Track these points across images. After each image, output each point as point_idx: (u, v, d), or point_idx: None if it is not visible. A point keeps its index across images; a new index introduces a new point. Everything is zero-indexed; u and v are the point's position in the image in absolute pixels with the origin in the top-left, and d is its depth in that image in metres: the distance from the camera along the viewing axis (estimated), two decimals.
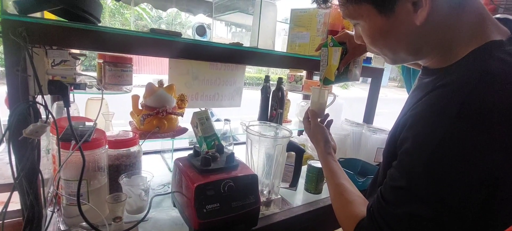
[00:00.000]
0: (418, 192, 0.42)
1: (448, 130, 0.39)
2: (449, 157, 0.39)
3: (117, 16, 11.47)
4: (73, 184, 0.73)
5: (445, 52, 0.49)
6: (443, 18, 0.46)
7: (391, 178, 0.46)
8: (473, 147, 0.38)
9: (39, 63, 0.63)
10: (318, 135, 0.81)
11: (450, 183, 0.39)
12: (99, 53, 1.01)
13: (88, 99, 1.04)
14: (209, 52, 0.81)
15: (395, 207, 0.44)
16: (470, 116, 0.38)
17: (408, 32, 0.48)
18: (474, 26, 0.46)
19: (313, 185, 1.09)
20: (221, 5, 1.16)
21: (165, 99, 1.03)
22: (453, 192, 0.39)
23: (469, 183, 0.38)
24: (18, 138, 0.61)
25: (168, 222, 0.83)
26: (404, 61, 0.57)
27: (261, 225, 0.86)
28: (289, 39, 1.24)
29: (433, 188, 0.40)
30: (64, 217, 0.77)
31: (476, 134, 0.37)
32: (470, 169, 0.38)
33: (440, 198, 0.40)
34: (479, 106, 0.38)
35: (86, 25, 0.66)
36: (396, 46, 0.52)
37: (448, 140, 0.39)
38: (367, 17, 0.51)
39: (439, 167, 0.40)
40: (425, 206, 0.41)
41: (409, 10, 0.46)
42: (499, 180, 0.37)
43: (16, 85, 0.61)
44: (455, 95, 0.40)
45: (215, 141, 1.06)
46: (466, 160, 0.38)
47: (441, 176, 0.40)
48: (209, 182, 0.73)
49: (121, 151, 0.87)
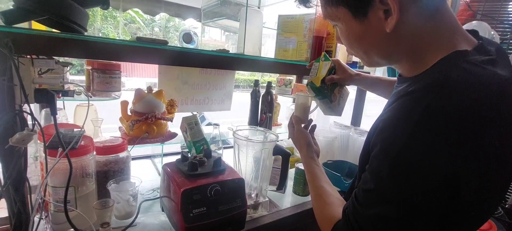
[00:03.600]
0: (385, 194, 0.44)
1: (410, 134, 0.41)
2: (411, 160, 0.41)
3: (109, 19, 11.40)
4: (61, 190, 0.73)
5: (416, 60, 0.51)
6: (413, 28, 0.48)
7: (363, 181, 0.48)
8: (434, 148, 0.39)
9: (25, 72, 0.64)
10: (301, 139, 0.83)
11: (413, 184, 0.41)
12: (88, 60, 1.02)
13: (77, 106, 1.05)
14: (196, 59, 0.82)
15: (365, 209, 0.46)
16: (431, 120, 0.40)
17: (379, 38, 0.51)
18: (443, 37, 0.48)
19: (300, 187, 1.11)
20: (210, 12, 1.18)
21: (154, 105, 1.04)
22: (416, 193, 0.41)
23: (432, 183, 0.40)
24: (5, 146, 0.62)
25: (157, 227, 0.84)
26: (379, 64, 0.59)
27: (248, 227, 0.87)
28: (276, 45, 1.26)
29: (398, 190, 0.42)
30: (52, 224, 0.78)
31: (436, 136, 0.39)
32: (431, 169, 0.40)
33: (405, 199, 0.42)
34: (440, 112, 0.40)
35: (72, 35, 0.68)
36: (369, 50, 0.55)
37: (410, 143, 0.41)
38: (344, 20, 0.54)
39: (403, 169, 0.42)
40: (391, 207, 0.43)
41: (381, 17, 0.48)
42: (461, 179, 0.39)
43: (2, 94, 0.62)
44: (418, 101, 0.42)
45: (204, 145, 1.07)
46: (427, 161, 0.40)
47: (405, 177, 0.42)
48: (196, 187, 0.75)
49: (109, 157, 0.88)
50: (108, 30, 11.19)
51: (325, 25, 1.15)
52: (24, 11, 0.66)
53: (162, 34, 13.24)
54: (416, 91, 0.44)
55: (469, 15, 1.20)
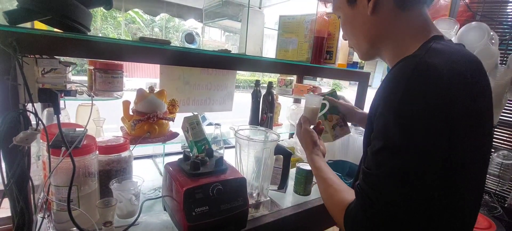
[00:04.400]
0: (394, 145, 0.47)
1: (406, 86, 0.47)
2: (412, 107, 0.46)
3: (110, 20, 11.41)
4: (64, 189, 0.74)
5: (398, 46, 0.59)
6: (389, 14, 0.58)
7: (371, 148, 0.52)
8: (428, 94, 0.45)
9: (29, 72, 0.65)
10: (308, 138, 0.85)
11: (418, 128, 0.46)
12: (90, 60, 1.02)
13: (79, 106, 1.06)
14: (198, 59, 0.83)
15: (379, 169, 0.49)
16: (422, 72, 0.47)
17: (365, 21, 0.62)
18: (419, 31, 0.57)
19: (301, 187, 1.11)
20: (211, 12, 1.18)
21: (155, 105, 1.05)
22: (422, 136, 0.45)
23: (432, 125, 0.45)
24: (8, 145, 0.63)
25: (159, 226, 0.85)
26: (369, 53, 0.67)
27: (250, 227, 0.88)
28: (278, 45, 1.27)
29: (406, 136, 0.46)
30: (54, 223, 0.78)
31: (429, 84, 0.46)
32: (429, 112, 0.45)
33: (414, 145, 0.46)
34: (428, 65, 0.47)
35: (76, 35, 0.68)
36: (358, 34, 0.65)
37: (408, 93, 0.47)
38: (342, 8, 0.66)
39: (407, 116, 0.46)
40: (403, 157, 0.46)
41: (365, 3, 0.60)
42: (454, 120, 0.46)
43: (6, 93, 0.63)
44: (408, 63, 0.50)
45: (205, 145, 1.08)
46: (425, 106, 0.45)
47: (409, 123, 0.46)
48: (198, 186, 0.75)
49: (111, 156, 0.88)
50: (108, 30, 11.20)
51: (326, 25, 1.16)
52: (28, 11, 0.67)
53: (162, 35, 13.25)
54: (405, 59, 0.52)
55: (468, 15, 1.21)
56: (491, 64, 1.01)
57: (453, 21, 1.12)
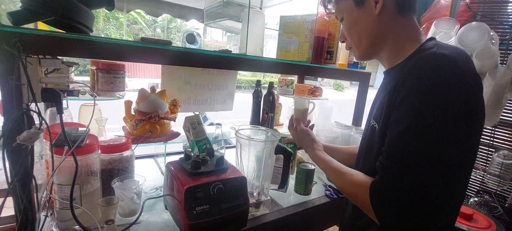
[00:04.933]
0: (420, 124, 0.52)
1: (430, 75, 0.53)
2: (436, 93, 0.51)
3: (112, 20, 11.46)
4: (66, 188, 0.75)
5: (397, 49, 0.66)
6: (391, 16, 0.66)
7: (395, 125, 0.56)
8: (451, 84, 0.51)
9: (33, 72, 0.66)
10: (306, 137, 0.90)
11: (442, 111, 0.50)
12: (92, 60, 1.03)
13: (82, 105, 1.06)
14: (199, 59, 0.84)
15: (405, 148, 0.53)
16: (441, 63, 0.53)
17: (370, 20, 0.68)
18: (412, 34, 0.66)
19: (302, 186, 1.12)
20: (212, 13, 1.19)
21: (157, 105, 1.06)
22: (446, 119, 0.50)
23: (454, 112, 0.50)
24: (12, 144, 0.64)
25: (160, 225, 0.86)
26: (368, 53, 0.72)
27: (250, 225, 0.88)
28: (278, 45, 1.27)
29: (432, 116, 0.51)
30: (57, 221, 0.79)
31: (449, 75, 0.51)
32: (453, 102, 0.50)
33: (439, 125, 0.50)
34: (444, 57, 0.54)
35: (78, 35, 0.69)
36: (362, 33, 0.70)
37: (432, 82, 0.52)
38: (347, 10, 0.71)
39: (432, 100, 0.51)
40: (428, 136, 0.51)
41: (372, 5, 0.66)
42: (472, 106, 0.52)
43: (10, 93, 0.64)
44: (425, 55, 0.57)
45: (206, 145, 1.09)
46: (448, 98, 0.50)
47: (435, 105, 0.51)
48: (199, 185, 0.76)
49: (113, 155, 0.89)
50: (110, 30, 11.24)
51: (326, 26, 1.16)
52: (31, 12, 0.68)
53: (164, 35, 13.29)
54: (417, 54, 0.60)
55: (469, 15, 1.21)
56: (491, 64, 1.01)
57: (454, 21, 1.12)
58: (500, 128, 1.37)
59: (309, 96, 1.54)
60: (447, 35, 1.10)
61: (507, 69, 1.01)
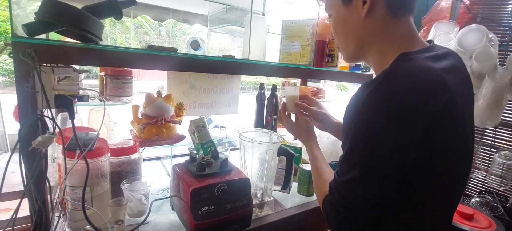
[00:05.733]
0: (350, 160, 0.55)
1: (358, 114, 0.53)
2: (362, 134, 0.53)
3: (118, 24, 11.60)
4: (78, 190, 0.78)
5: (381, 58, 0.62)
6: (380, 19, 0.61)
7: (341, 156, 0.60)
8: (375, 124, 0.51)
9: (46, 80, 0.69)
10: (307, 127, 0.92)
11: (370, 150, 0.52)
12: (101, 66, 1.07)
13: (91, 110, 1.10)
14: (203, 65, 0.86)
15: (341, 177, 0.58)
16: (370, 103, 0.51)
17: (357, 22, 0.63)
18: (403, 40, 0.60)
19: (305, 187, 1.14)
20: (216, 18, 1.22)
21: (163, 109, 1.09)
22: (372, 157, 0.52)
23: (383, 149, 0.50)
24: (28, 149, 0.67)
25: (167, 225, 0.89)
26: (354, 55, 0.70)
27: (254, 226, 0.91)
28: (281, 49, 1.30)
29: (358, 156, 0.53)
30: (69, 222, 0.82)
31: (375, 115, 0.50)
32: (381, 139, 0.50)
33: (365, 163, 0.53)
34: (376, 97, 0.51)
35: (89, 44, 0.73)
36: (348, 34, 0.67)
37: (359, 120, 0.53)
38: (335, 7, 0.68)
39: (358, 141, 0.53)
40: (355, 170, 0.53)
41: (359, 5, 0.62)
42: (407, 148, 0.50)
43: (25, 100, 0.67)
44: (364, 90, 0.54)
45: (211, 147, 1.12)
46: (376, 133, 0.51)
47: (363, 145, 0.53)
48: (204, 186, 0.79)
49: (122, 158, 0.93)
50: (116, 35, 11.39)
51: (327, 30, 1.19)
52: (44, 23, 0.71)
53: (169, 38, 13.41)
54: (366, 83, 0.56)
55: (469, 17, 1.22)
56: (490, 65, 1.02)
57: (453, 24, 1.13)
58: (500, 128, 1.37)
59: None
60: (446, 38, 1.12)
61: (506, 71, 1.02)
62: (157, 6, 1.45)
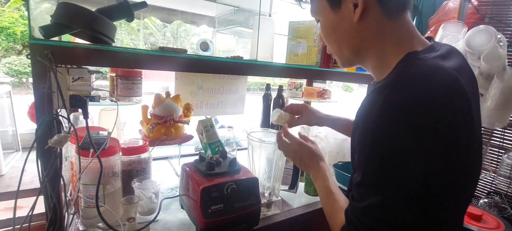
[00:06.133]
0: (370, 183, 0.48)
1: (374, 127, 0.46)
2: (382, 151, 0.46)
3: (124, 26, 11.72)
4: (91, 188, 0.80)
5: (381, 61, 0.57)
6: (376, 22, 0.55)
7: (354, 178, 0.53)
8: (395, 136, 0.44)
9: (62, 80, 0.72)
10: (311, 149, 0.78)
11: (390, 170, 0.45)
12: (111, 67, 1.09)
13: (102, 110, 1.13)
14: (212, 66, 0.88)
15: (359, 202, 0.50)
16: (387, 112, 0.45)
17: (349, 28, 0.58)
18: (403, 40, 0.55)
19: (312, 187, 1.15)
20: (224, 20, 1.24)
21: (172, 109, 1.11)
22: (395, 177, 0.45)
23: (404, 167, 0.44)
24: (44, 147, 0.69)
25: (177, 223, 0.90)
26: (350, 61, 0.64)
27: (262, 224, 0.92)
28: (287, 50, 1.31)
29: (379, 178, 0.47)
30: (82, 219, 0.84)
31: (394, 126, 0.44)
32: (401, 156, 0.44)
33: (386, 185, 0.46)
34: (393, 104, 0.45)
35: (103, 46, 0.75)
36: (341, 42, 0.61)
37: (376, 136, 0.46)
38: (323, 12, 0.62)
39: (378, 159, 0.46)
40: (378, 195, 0.47)
41: (350, 9, 0.56)
42: (428, 161, 0.44)
43: (42, 100, 0.70)
44: (377, 97, 0.48)
45: (219, 147, 1.13)
46: (395, 149, 0.45)
47: (383, 166, 0.46)
48: (214, 185, 0.80)
49: (132, 157, 0.95)
50: (122, 35, 11.50)
51: None
52: (60, 25, 0.73)
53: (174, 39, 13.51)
54: (375, 90, 0.50)
55: (477, 18, 1.22)
56: (499, 66, 1.02)
57: (461, 24, 1.13)
58: (509, 130, 1.36)
59: (318, 99, 1.57)
60: (454, 38, 1.12)
61: None
62: (166, 8, 1.48)
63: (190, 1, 1.42)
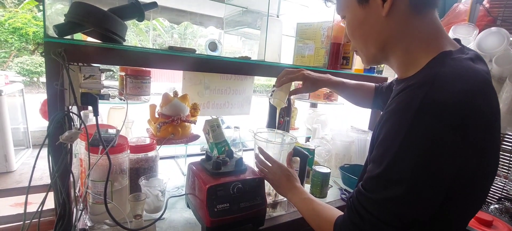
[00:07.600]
0: (392, 176, 0.48)
1: (411, 123, 0.46)
2: (414, 146, 0.45)
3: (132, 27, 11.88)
4: (99, 184, 0.81)
5: (408, 59, 0.57)
6: (404, 20, 0.55)
7: (369, 170, 0.52)
8: (432, 133, 0.44)
9: (74, 78, 0.73)
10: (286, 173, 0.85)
11: (419, 166, 0.45)
12: (121, 66, 1.11)
13: (110, 108, 1.14)
14: (221, 66, 0.89)
15: (373, 194, 0.50)
16: (427, 109, 0.45)
17: (377, 23, 0.58)
18: (431, 38, 0.55)
19: (318, 189, 1.14)
20: (232, 21, 1.25)
21: (179, 108, 1.12)
22: (427, 173, 0.45)
23: (435, 164, 0.45)
24: (55, 143, 0.71)
25: (182, 222, 0.91)
26: (375, 58, 0.64)
27: (268, 225, 0.92)
28: (295, 51, 1.31)
29: (404, 171, 0.46)
30: (90, 215, 0.86)
31: (434, 124, 0.44)
32: (433, 152, 0.44)
33: (412, 178, 0.46)
34: (434, 102, 0.45)
35: (113, 45, 0.76)
36: (368, 37, 0.61)
37: (412, 130, 0.45)
38: (350, 8, 0.62)
39: (408, 155, 0.46)
40: (398, 187, 0.47)
41: (379, 3, 0.56)
42: (461, 158, 0.45)
43: (55, 97, 0.71)
44: (415, 94, 0.47)
45: (225, 147, 1.13)
46: (428, 145, 0.44)
47: (409, 162, 0.46)
48: (220, 184, 0.80)
49: (140, 155, 0.96)
50: (130, 37, 11.66)
51: (342, 32, 1.19)
52: (74, 24, 0.75)
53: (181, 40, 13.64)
54: (413, 86, 0.49)
55: (489, 20, 1.20)
56: (511, 69, 1.00)
57: (473, 26, 1.11)
58: None
59: (325, 100, 1.57)
60: (465, 41, 1.10)
61: None
62: (175, 9, 1.49)
63: (199, 2, 1.44)
